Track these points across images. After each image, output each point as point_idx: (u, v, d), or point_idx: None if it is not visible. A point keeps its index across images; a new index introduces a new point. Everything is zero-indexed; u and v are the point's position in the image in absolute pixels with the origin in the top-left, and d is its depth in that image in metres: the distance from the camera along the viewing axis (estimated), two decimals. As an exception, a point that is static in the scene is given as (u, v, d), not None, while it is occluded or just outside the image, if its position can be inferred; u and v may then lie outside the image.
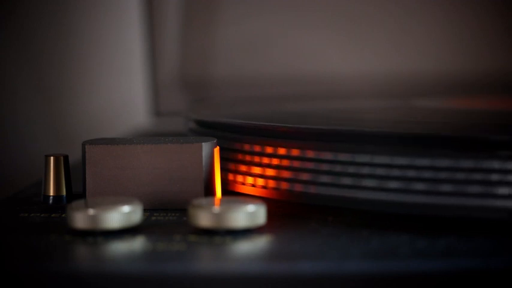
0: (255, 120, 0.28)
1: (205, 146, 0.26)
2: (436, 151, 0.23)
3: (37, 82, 0.59)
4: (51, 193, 0.27)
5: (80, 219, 0.23)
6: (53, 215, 0.26)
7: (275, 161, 0.26)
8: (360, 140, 0.24)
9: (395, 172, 0.24)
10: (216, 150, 0.26)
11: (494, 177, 0.23)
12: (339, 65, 0.54)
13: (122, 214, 0.23)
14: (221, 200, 0.24)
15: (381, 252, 0.21)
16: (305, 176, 0.25)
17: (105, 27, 0.59)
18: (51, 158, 0.27)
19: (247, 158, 0.27)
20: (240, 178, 0.27)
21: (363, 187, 0.24)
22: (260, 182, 0.27)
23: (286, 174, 0.26)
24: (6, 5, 0.58)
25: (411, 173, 0.23)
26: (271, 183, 0.26)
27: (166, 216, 0.25)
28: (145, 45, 0.55)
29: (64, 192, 0.27)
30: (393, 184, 0.24)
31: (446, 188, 0.23)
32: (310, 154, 0.25)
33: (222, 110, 0.38)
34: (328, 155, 0.25)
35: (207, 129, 0.31)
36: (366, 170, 0.24)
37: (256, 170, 0.27)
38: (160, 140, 0.27)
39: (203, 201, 0.24)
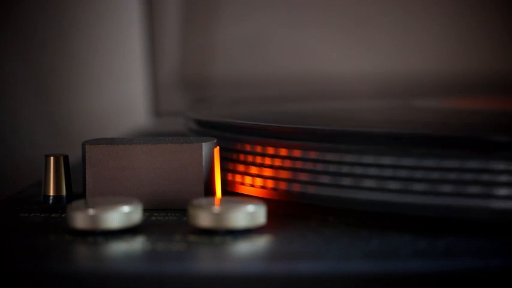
0: (255, 120, 0.28)
1: (205, 146, 0.26)
2: (431, 151, 0.23)
3: (37, 82, 0.59)
4: (51, 193, 0.27)
5: (80, 219, 0.23)
6: (53, 215, 0.26)
7: (275, 161, 0.26)
8: (356, 140, 0.24)
9: (391, 172, 0.24)
10: (216, 150, 0.26)
11: (489, 177, 0.23)
12: (339, 65, 0.54)
13: (122, 214, 0.23)
14: (221, 200, 0.24)
15: (382, 252, 0.21)
16: (304, 176, 0.25)
17: (105, 28, 0.59)
18: (51, 158, 0.27)
19: (247, 158, 0.27)
20: (239, 178, 0.27)
21: (362, 187, 0.24)
22: (259, 182, 0.27)
23: (285, 174, 0.26)
24: (6, 5, 0.58)
25: (407, 174, 0.23)
26: (271, 183, 0.26)
27: (166, 216, 0.25)
28: (145, 45, 0.55)
29: (64, 192, 0.27)
30: (391, 184, 0.24)
31: (443, 188, 0.23)
32: (310, 154, 0.25)
33: (222, 110, 0.38)
34: (327, 155, 0.25)
35: (207, 129, 0.31)
36: (363, 170, 0.24)
37: (256, 170, 0.27)
38: (160, 140, 0.27)
39: (203, 201, 0.24)
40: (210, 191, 0.26)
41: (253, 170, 0.27)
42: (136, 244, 0.22)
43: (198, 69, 0.55)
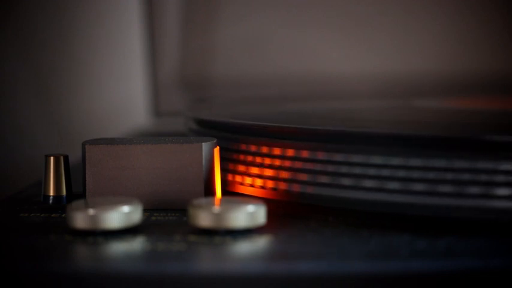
0: (255, 120, 0.28)
1: (205, 146, 0.26)
2: (431, 152, 0.23)
3: (37, 82, 0.59)
4: (51, 193, 0.27)
5: (80, 219, 0.23)
6: (53, 215, 0.26)
7: (275, 161, 0.26)
8: (357, 140, 0.24)
9: (391, 172, 0.24)
10: (216, 150, 0.26)
11: (490, 178, 0.23)
12: (339, 65, 0.54)
13: (122, 214, 0.23)
14: (221, 200, 0.24)
15: (381, 252, 0.21)
16: (304, 176, 0.25)
17: (105, 28, 0.59)
18: (51, 158, 0.27)
19: (247, 158, 0.27)
20: (239, 178, 0.27)
21: (362, 187, 0.24)
22: (259, 182, 0.27)
23: (285, 174, 0.26)
24: (6, 5, 0.58)
25: (409, 174, 0.23)
26: (271, 184, 0.26)
27: (166, 216, 0.25)
28: (146, 45, 0.55)
29: (64, 192, 0.27)
30: (391, 185, 0.24)
31: (443, 188, 0.23)
32: (309, 154, 0.25)
33: (222, 110, 0.38)
34: (327, 155, 0.25)
35: (207, 129, 0.31)
36: (363, 170, 0.24)
37: (256, 170, 0.27)
38: (160, 140, 0.27)
39: (203, 201, 0.24)
40: (210, 191, 0.26)
41: (253, 170, 0.27)
42: (136, 244, 0.22)
43: (198, 69, 0.55)
